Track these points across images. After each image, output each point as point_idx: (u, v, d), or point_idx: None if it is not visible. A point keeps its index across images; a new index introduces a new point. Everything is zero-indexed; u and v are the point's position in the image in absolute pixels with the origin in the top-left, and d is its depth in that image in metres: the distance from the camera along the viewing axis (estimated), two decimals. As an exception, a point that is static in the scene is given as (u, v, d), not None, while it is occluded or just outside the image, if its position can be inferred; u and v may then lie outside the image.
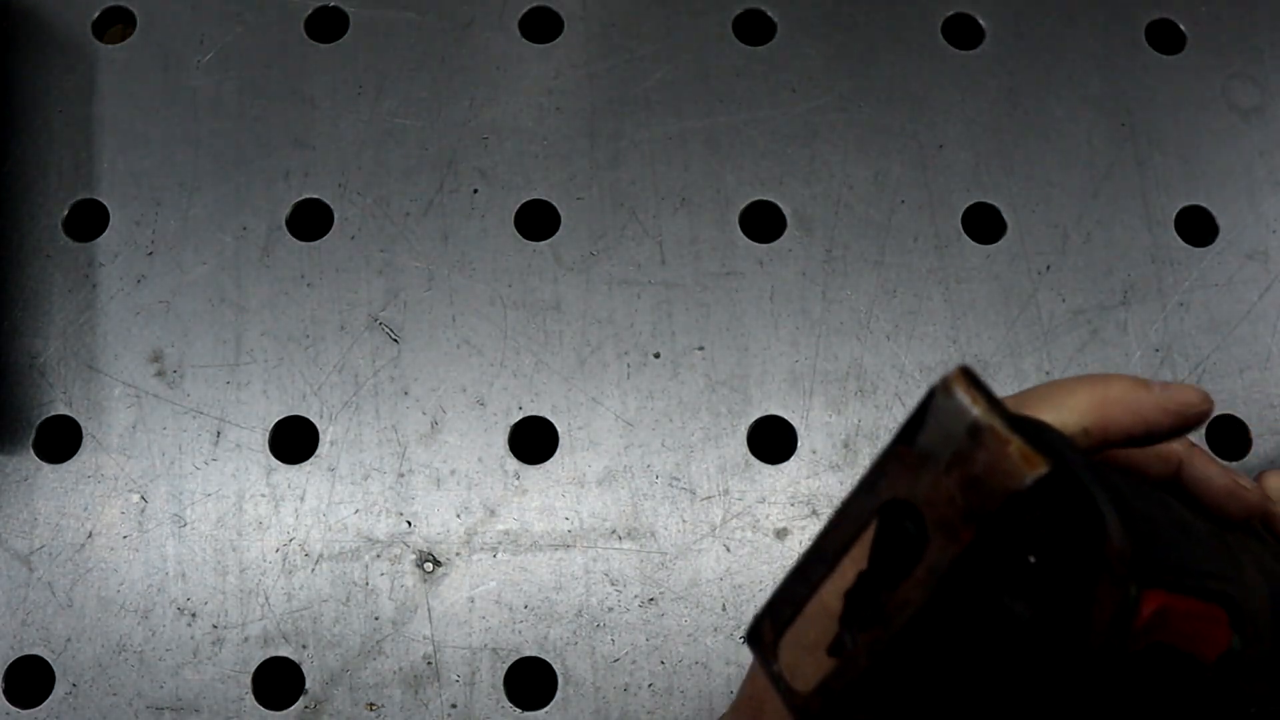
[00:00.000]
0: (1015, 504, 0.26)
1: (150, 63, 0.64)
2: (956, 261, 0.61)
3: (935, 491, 0.27)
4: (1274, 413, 0.59)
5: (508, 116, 0.63)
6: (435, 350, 0.59)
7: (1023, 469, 0.26)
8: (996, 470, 0.26)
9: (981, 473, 0.26)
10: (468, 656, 0.55)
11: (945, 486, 0.27)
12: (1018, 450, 0.26)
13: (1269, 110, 0.65)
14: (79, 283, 0.60)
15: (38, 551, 0.56)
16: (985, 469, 0.26)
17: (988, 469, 0.26)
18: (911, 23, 0.66)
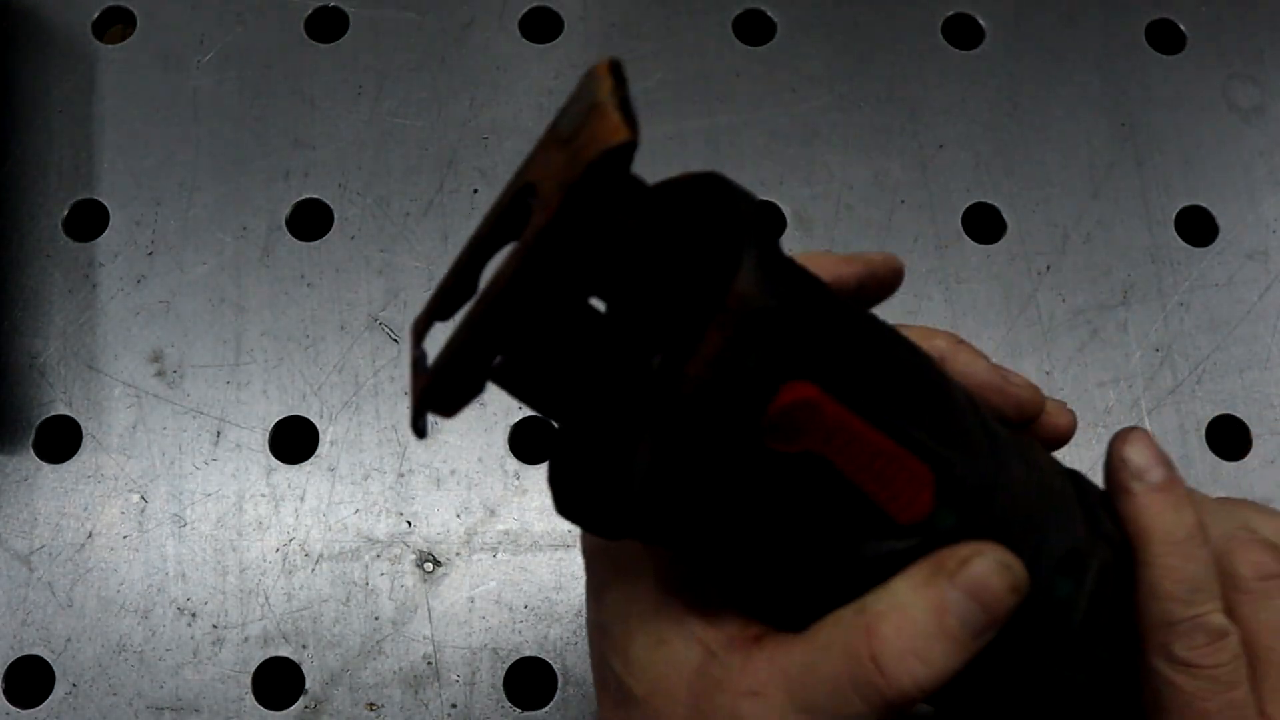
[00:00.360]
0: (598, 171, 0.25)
1: (150, 63, 0.64)
2: (956, 261, 0.61)
3: (549, 167, 0.26)
4: (1274, 413, 0.59)
5: (508, 116, 0.63)
6: (435, 350, 0.59)
7: (606, 136, 0.25)
8: (590, 138, 0.25)
9: (582, 142, 0.25)
10: (468, 656, 0.55)
11: (556, 160, 0.26)
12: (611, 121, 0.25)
13: (1269, 110, 0.65)
14: (79, 283, 0.60)
15: (38, 551, 0.56)
16: (585, 138, 0.25)
17: (586, 138, 0.25)
18: (911, 23, 0.66)
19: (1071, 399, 0.59)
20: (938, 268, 0.61)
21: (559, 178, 0.25)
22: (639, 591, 0.32)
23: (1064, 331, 0.60)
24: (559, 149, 0.26)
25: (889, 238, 0.61)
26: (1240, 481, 0.58)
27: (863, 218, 0.62)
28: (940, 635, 0.29)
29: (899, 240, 0.61)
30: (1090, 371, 0.60)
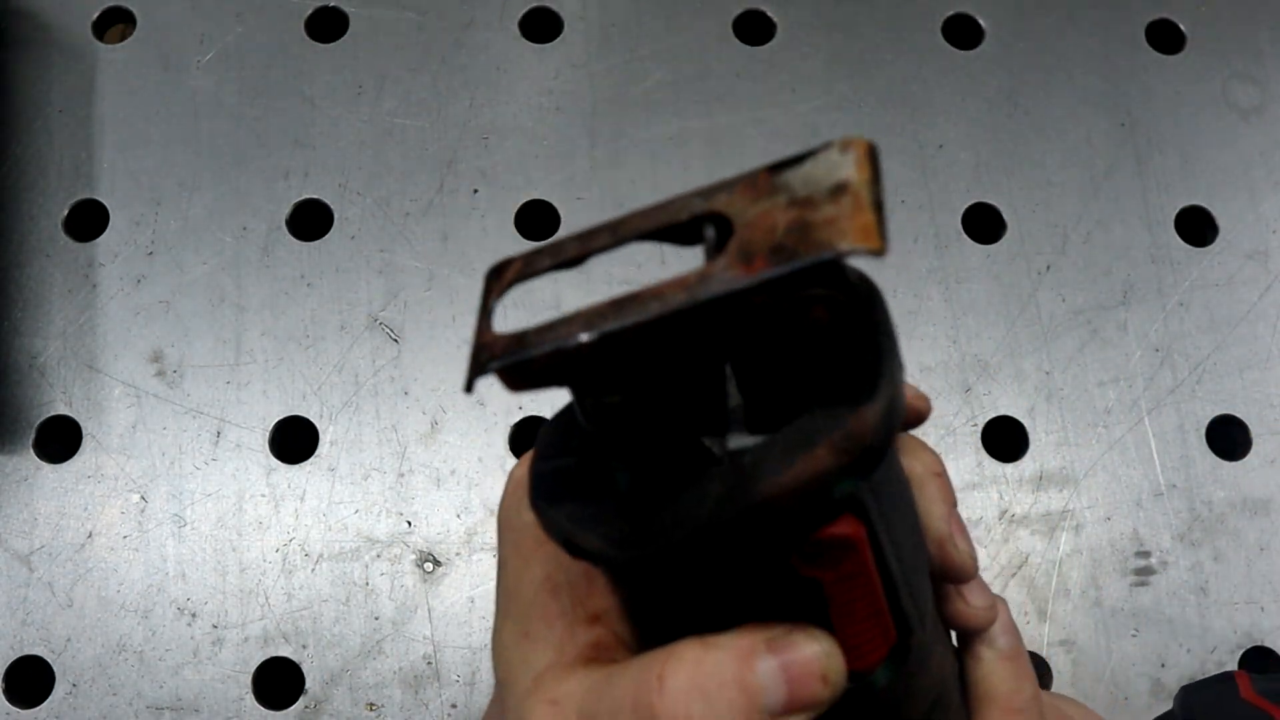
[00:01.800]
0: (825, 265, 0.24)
1: (150, 63, 0.64)
2: (956, 261, 0.61)
3: (762, 218, 0.25)
4: (1274, 413, 0.59)
5: (508, 116, 0.63)
6: (435, 350, 0.59)
7: (858, 238, 0.24)
8: (834, 226, 0.24)
9: (819, 220, 0.24)
10: (468, 656, 0.55)
11: (775, 218, 0.25)
12: (866, 221, 0.24)
13: (1269, 110, 0.65)
14: (79, 283, 0.60)
15: (38, 551, 0.56)
16: (825, 220, 0.24)
17: (827, 221, 0.24)
18: (911, 23, 0.66)
19: (1071, 399, 0.59)
20: (938, 268, 0.61)
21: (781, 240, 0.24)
22: (526, 579, 0.32)
23: (1064, 331, 0.60)
24: (785, 206, 0.25)
25: (889, 238, 0.61)
26: (1240, 481, 0.58)
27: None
28: (735, 687, 0.27)
29: (899, 240, 0.61)
30: (1090, 371, 0.60)
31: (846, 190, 0.24)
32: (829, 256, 0.24)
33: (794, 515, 0.26)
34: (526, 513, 0.33)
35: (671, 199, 0.27)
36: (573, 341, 0.25)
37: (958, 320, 0.60)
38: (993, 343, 0.60)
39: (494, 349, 0.26)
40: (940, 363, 0.60)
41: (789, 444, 0.25)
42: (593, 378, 0.27)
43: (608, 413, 0.27)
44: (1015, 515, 0.58)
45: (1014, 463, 0.58)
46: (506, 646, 0.32)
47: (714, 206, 0.26)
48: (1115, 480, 0.58)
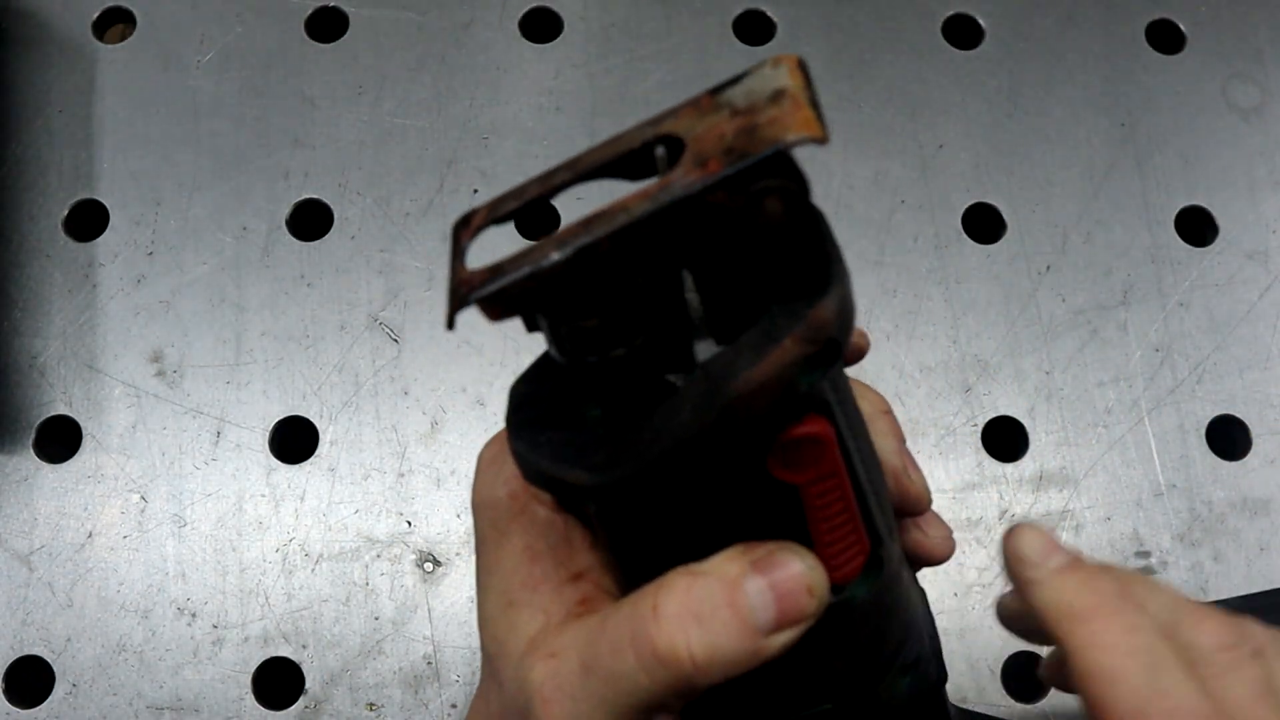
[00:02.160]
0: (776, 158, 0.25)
1: (150, 63, 0.64)
2: (956, 261, 0.61)
3: (710, 130, 0.27)
4: (1274, 413, 0.59)
5: (508, 116, 0.63)
6: (435, 350, 0.59)
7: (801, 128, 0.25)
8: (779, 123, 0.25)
9: (763, 121, 0.26)
10: (468, 656, 0.55)
11: (722, 128, 0.26)
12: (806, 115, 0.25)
13: (1269, 110, 0.65)
14: (79, 283, 0.60)
15: (38, 551, 0.56)
16: (769, 120, 0.26)
17: (771, 120, 0.26)
18: (911, 23, 0.66)
19: (1071, 399, 0.59)
20: (938, 268, 0.61)
21: (731, 144, 0.26)
22: (505, 552, 0.33)
23: (1064, 331, 0.60)
24: (730, 117, 0.27)
25: (889, 238, 0.61)
26: (1240, 481, 0.58)
27: (863, 218, 0.62)
28: (727, 608, 0.28)
29: (899, 240, 0.61)
30: (1090, 371, 0.60)
31: (785, 94, 0.26)
32: (778, 148, 0.25)
33: (766, 412, 0.26)
34: (499, 488, 0.33)
35: (621, 133, 0.29)
36: (547, 261, 0.26)
37: (958, 320, 0.60)
38: (993, 343, 0.60)
39: (471, 282, 0.27)
40: (940, 363, 0.60)
41: (755, 343, 0.27)
42: (568, 300, 0.27)
43: (583, 337, 0.28)
44: (1015, 515, 0.58)
45: (1014, 463, 0.58)
46: (493, 619, 0.33)
47: (664, 129, 0.28)
48: (1115, 480, 0.58)
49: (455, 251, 0.29)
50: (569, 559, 0.32)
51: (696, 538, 0.30)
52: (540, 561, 0.32)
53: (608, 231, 0.26)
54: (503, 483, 0.33)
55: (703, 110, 0.28)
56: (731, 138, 0.26)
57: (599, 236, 0.26)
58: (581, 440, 0.29)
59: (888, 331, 0.60)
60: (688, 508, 0.29)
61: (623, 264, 0.27)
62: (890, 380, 0.59)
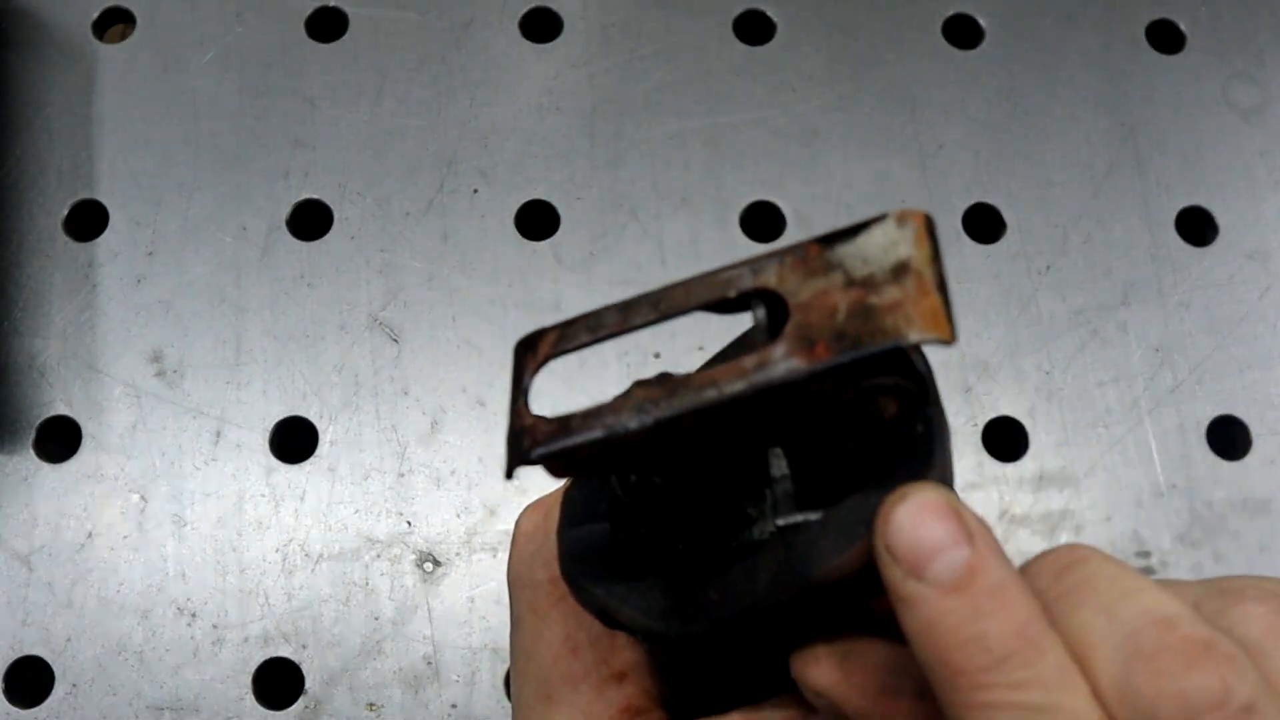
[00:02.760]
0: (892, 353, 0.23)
1: (150, 63, 0.64)
2: (956, 261, 0.61)
3: (819, 300, 0.24)
4: (1274, 413, 0.59)
5: (508, 116, 0.63)
6: (435, 350, 0.59)
7: (926, 325, 0.23)
8: (900, 310, 0.23)
9: (883, 305, 0.23)
10: (468, 656, 0.55)
11: (834, 300, 0.24)
12: (933, 305, 0.23)
13: (1269, 110, 0.65)
14: (79, 283, 0.60)
15: (38, 551, 0.56)
16: (889, 304, 0.23)
17: (892, 305, 0.23)
18: (911, 23, 0.66)
19: (1071, 399, 0.59)
20: (938, 268, 0.61)
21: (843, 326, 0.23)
22: (544, 639, 0.31)
23: (1064, 331, 0.60)
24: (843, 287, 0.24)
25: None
26: (1240, 481, 0.58)
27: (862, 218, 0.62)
28: None
29: (899, 240, 0.61)
30: (1090, 371, 0.60)
31: (908, 270, 0.24)
32: (897, 344, 0.23)
33: (846, 595, 0.25)
34: (539, 569, 0.32)
35: (717, 271, 0.26)
36: (623, 429, 0.24)
37: (958, 320, 0.60)
38: (993, 343, 0.60)
39: (535, 434, 0.25)
40: (940, 363, 0.60)
41: (844, 524, 0.25)
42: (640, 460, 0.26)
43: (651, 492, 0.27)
44: (1015, 515, 0.58)
45: (1014, 463, 0.58)
46: (529, 708, 0.31)
47: (764, 283, 0.25)
48: (1115, 480, 0.58)
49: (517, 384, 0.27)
50: (611, 655, 0.31)
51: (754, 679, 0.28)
52: (581, 655, 0.31)
53: (693, 406, 0.24)
54: (543, 563, 0.32)
55: (810, 267, 0.25)
56: (844, 317, 0.23)
57: (682, 411, 0.24)
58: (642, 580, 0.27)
59: (888, 331, 0.60)
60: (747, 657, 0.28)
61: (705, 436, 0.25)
62: (890, 380, 0.59)
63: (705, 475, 0.26)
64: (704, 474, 0.26)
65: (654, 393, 0.25)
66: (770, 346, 0.24)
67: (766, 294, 0.25)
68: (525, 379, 0.27)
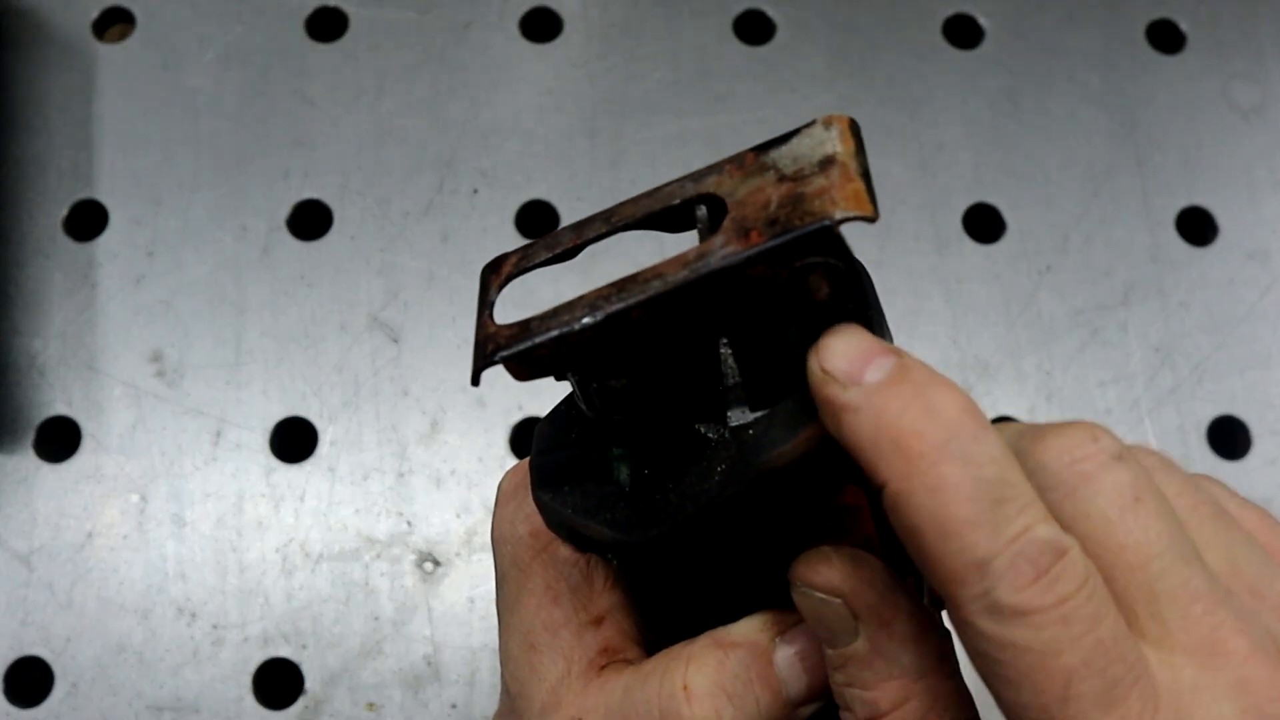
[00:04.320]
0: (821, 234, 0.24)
1: (150, 63, 0.64)
2: (956, 261, 0.61)
3: (754, 195, 0.26)
4: (1274, 413, 0.59)
5: (508, 116, 0.63)
6: (435, 350, 0.59)
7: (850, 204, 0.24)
8: (826, 195, 0.24)
9: (811, 192, 0.25)
10: (468, 656, 0.55)
11: (767, 194, 0.25)
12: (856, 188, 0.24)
13: (1269, 110, 0.65)
14: (79, 283, 0.60)
15: (38, 551, 0.56)
16: (816, 190, 0.25)
17: (819, 191, 0.25)
18: (911, 23, 0.65)
19: (1071, 399, 0.59)
20: (938, 268, 0.61)
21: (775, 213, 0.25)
22: (526, 590, 0.33)
23: (1064, 332, 0.60)
24: (775, 182, 0.25)
25: (889, 238, 0.61)
26: (1240, 482, 0.58)
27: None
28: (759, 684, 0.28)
29: (899, 240, 0.61)
30: (1090, 371, 0.60)
31: (834, 162, 0.25)
32: (825, 224, 0.24)
33: (799, 485, 0.26)
34: (520, 524, 0.33)
35: (662, 185, 0.28)
36: (577, 324, 0.26)
37: (958, 320, 0.60)
38: (993, 343, 0.60)
39: (498, 339, 0.27)
40: (940, 363, 0.60)
41: (790, 415, 0.26)
42: (597, 361, 0.27)
43: (612, 396, 0.28)
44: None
45: (1014, 463, 0.58)
46: (514, 659, 0.32)
47: (705, 188, 0.27)
48: (1115, 480, 0.58)
49: (482, 300, 0.28)
50: (590, 601, 0.32)
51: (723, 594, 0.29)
52: (561, 603, 0.32)
53: (642, 299, 0.26)
54: (524, 519, 0.33)
55: (747, 170, 0.26)
56: (776, 207, 0.25)
57: (632, 303, 0.26)
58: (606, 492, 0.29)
59: (888, 331, 0.60)
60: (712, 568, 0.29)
61: (655, 329, 0.26)
62: (890, 380, 0.59)
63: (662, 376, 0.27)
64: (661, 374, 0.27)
65: (606, 291, 0.26)
66: (710, 239, 0.26)
67: (708, 198, 0.27)
68: (490, 294, 0.28)
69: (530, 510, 0.32)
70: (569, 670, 0.31)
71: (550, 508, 0.29)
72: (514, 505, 0.33)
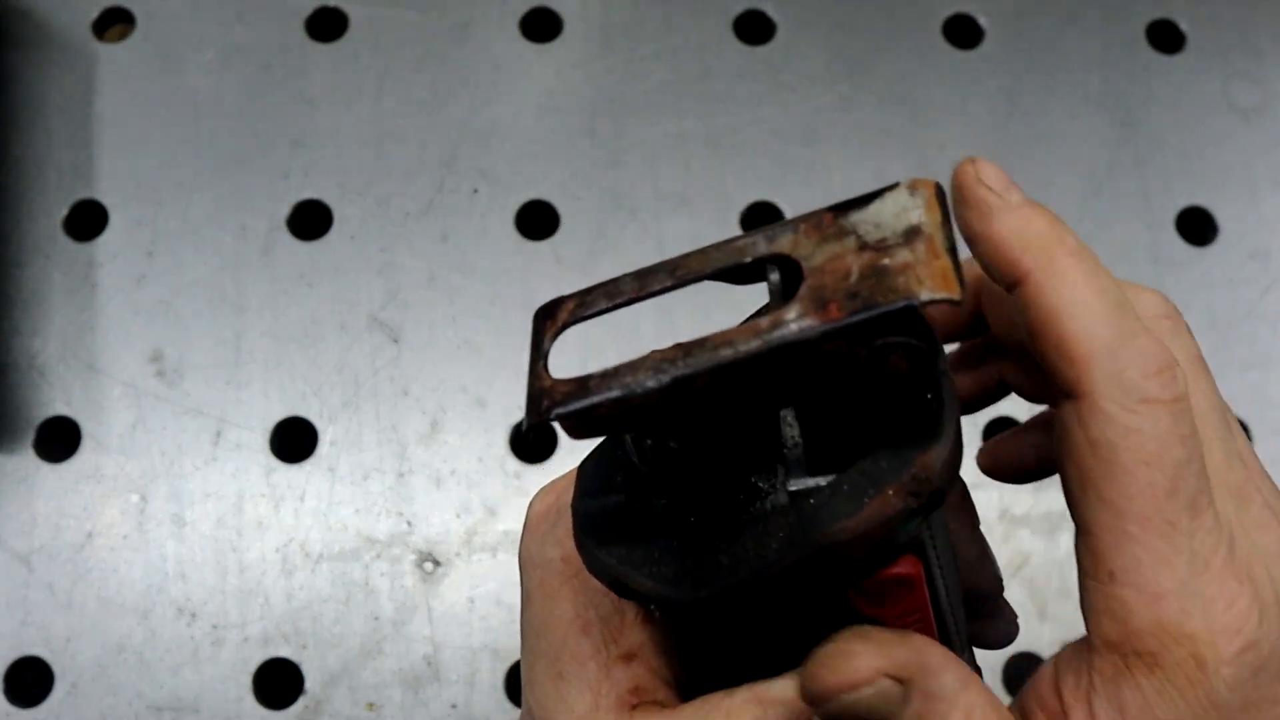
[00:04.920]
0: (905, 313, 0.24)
1: (150, 63, 0.64)
2: (956, 261, 0.61)
3: (833, 263, 0.25)
4: (1274, 413, 0.59)
5: (508, 116, 0.63)
6: (435, 350, 0.59)
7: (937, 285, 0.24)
8: (911, 271, 0.24)
9: (894, 266, 0.24)
10: (467, 656, 0.55)
11: (847, 263, 0.25)
12: (944, 266, 0.24)
13: (1269, 110, 0.65)
14: (79, 283, 0.60)
15: (38, 551, 0.56)
16: (900, 265, 0.24)
17: (903, 266, 0.24)
18: (911, 23, 0.66)
19: (1071, 399, 0.59)
20: (938, 268, 0.61)
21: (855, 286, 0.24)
22: (554, 618, 0.32)
23: (1064, 331, 0.60)
24: (856, 250, 0.25)
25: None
26: (1240, 481, 0.58)
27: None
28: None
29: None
30: (1090, 371, 0.60)
31: (919, 234, 0.24)
32: (909, 304, 0.23)
33: (859, 558, 0.25)
34: (550, 548, 0.32)
35: (733, 239, 0.27)
36: (640, 389, 0.25)
37: (958, 320, 0.60)
38: (993, 343, 0.60)
39: (554, 394, 0.26)
40: (940, 363, 0.60)
41: (855, 487, 0.25)
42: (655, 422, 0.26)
43: (666, 456, 0.27)
44: (1015, 515, 0.58)
45: (1014, 463, 0.58)
46: (540, 686, 0.32)
47: (779, 248, 0.26)
48: (1115, 480, 0.58)
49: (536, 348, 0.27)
50: (620, 635, 0.31)
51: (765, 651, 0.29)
52: (590, 634, 0.31)
53: (709, 366, 0.25)
54: (555, 543, 0.32)
55: (825, 233, 0.25)
56: (857, 279, 0.24)
57: (699, 370, 0.25)
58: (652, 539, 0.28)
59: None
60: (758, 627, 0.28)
61: (721, 397, 0.25)
62: (890, 380, 0.59)
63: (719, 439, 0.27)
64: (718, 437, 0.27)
65: (671, 353, 0.25)
66: (785, 307, 0.25)
67: (781, 259, 0.26)
68: (545, 344, 0.27)
69: (562, 535, 0.32)
70: (597, 704, 0.30)
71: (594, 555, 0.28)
72: (545, 528, 0.33)
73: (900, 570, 0.26)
